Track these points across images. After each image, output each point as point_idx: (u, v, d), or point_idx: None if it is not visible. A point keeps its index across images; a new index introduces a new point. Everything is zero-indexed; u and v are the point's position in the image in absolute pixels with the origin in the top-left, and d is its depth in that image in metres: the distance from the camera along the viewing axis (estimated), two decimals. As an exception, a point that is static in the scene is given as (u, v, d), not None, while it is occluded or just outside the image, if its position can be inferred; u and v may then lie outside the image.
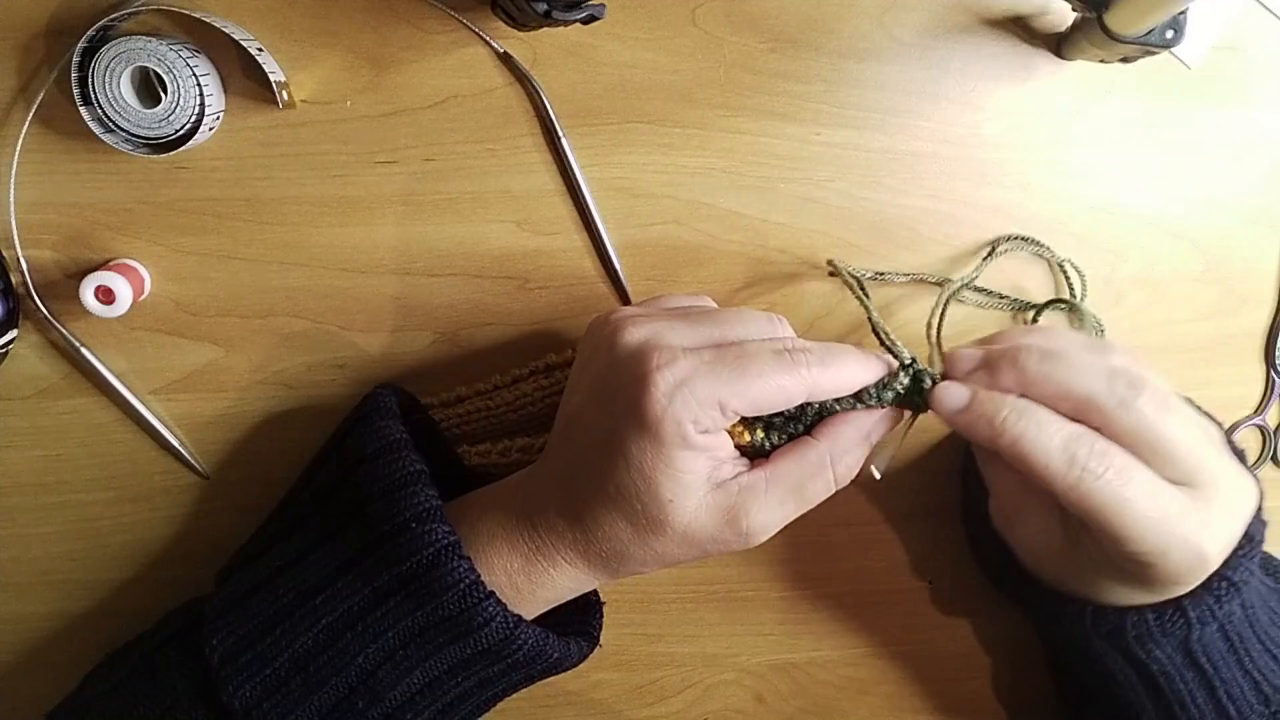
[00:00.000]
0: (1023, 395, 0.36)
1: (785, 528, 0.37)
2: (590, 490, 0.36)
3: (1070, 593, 0.40)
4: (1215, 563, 0.35)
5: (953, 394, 0.37)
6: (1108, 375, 0.35)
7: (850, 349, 0.37)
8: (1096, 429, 0.35)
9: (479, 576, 0.36)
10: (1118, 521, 0.34)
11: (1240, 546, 0.37)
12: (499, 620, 0.36)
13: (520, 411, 0.44)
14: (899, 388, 0.37)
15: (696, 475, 0.35)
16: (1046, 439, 0.35)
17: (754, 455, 0.37)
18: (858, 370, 0.36)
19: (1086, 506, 0.34)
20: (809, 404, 0.37)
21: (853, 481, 0.38)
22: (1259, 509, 0.38)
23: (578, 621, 0.43)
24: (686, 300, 0.40)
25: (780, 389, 0.34)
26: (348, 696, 0.37)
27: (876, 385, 0.37)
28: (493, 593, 0.36)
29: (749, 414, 0.35)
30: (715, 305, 0.41)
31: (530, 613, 0.38)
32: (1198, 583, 0.36)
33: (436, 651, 0.37)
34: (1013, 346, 0.37)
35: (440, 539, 0.36)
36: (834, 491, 0.37)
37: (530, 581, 0.38)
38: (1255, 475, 0.39)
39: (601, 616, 0.45)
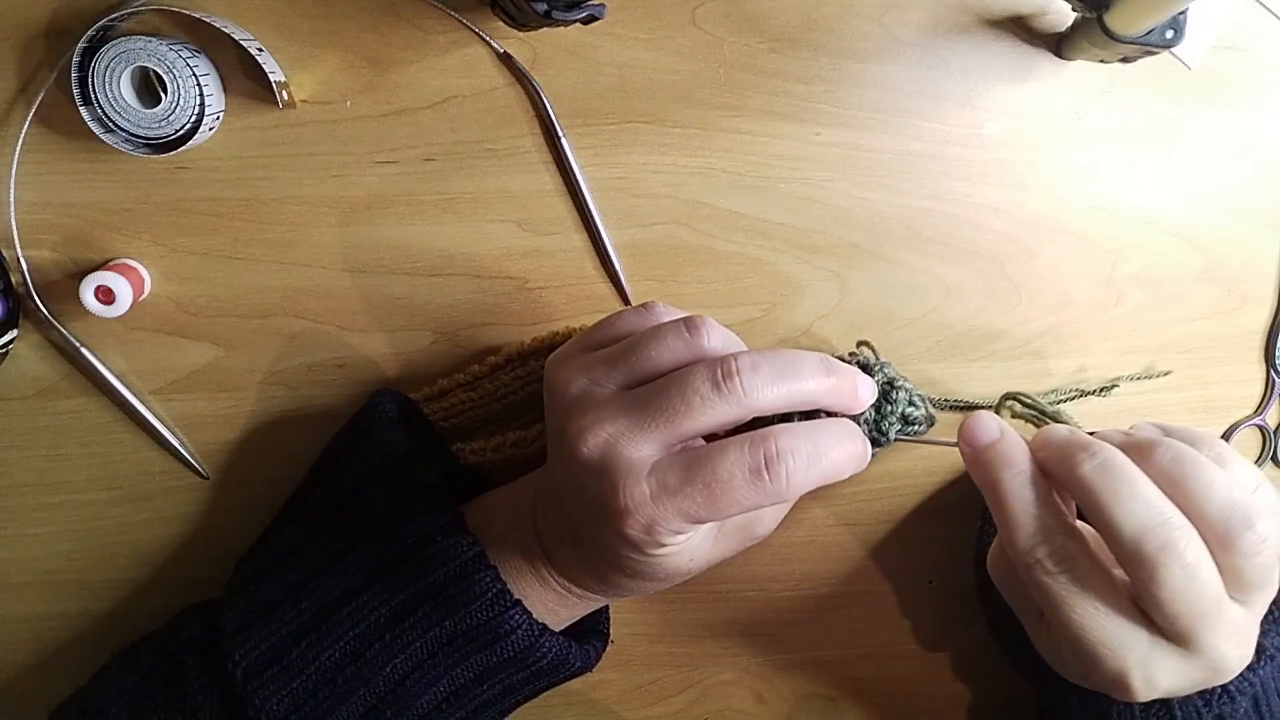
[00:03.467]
0: (1065, 490, 0.35)
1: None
2: (607, 566, 0.36)
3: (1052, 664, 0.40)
4: (1137, 699, 0.34)
5: (981, 427, 0.36)
6: (1145, 525, 0.32)
7: (841, 431, 0.33)
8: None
9: (505, 586, 0.37)
10: (1057, 617, 0.34)
11: None
12: (524, 629, 0.37)
13: (503, 401, 0.44)
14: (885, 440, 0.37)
15: (699, 539, 0.34)
16: (1023, 518, 0.34)
17: None
18: (845, 458, 0.33)
19: (1035, 592, 0.34)
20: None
21: None
22: (1277, 632, 0.37)
23: (586, 619, 0.43)
24: (634, 320, 0.36)
25: (754, 507, 0.32)
26: (375, 707, 0.37)
27: (875, 425, 0.37)
28: (519, 601, 0.37)
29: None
30: (666, 314, 0.36)
31: (555, 626, 0.39)
32: (1124, 702, 0.36)
33: (463, 660, 0.37)
34: (1087, 447, 0.34)
35: (465, 550, 0.37)
36: None
37: (568, 609, 0.39)
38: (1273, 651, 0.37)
39: (608, 610, 0.45)
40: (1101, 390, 0.46)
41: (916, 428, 0.39)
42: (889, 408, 0.38)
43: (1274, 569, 0.34)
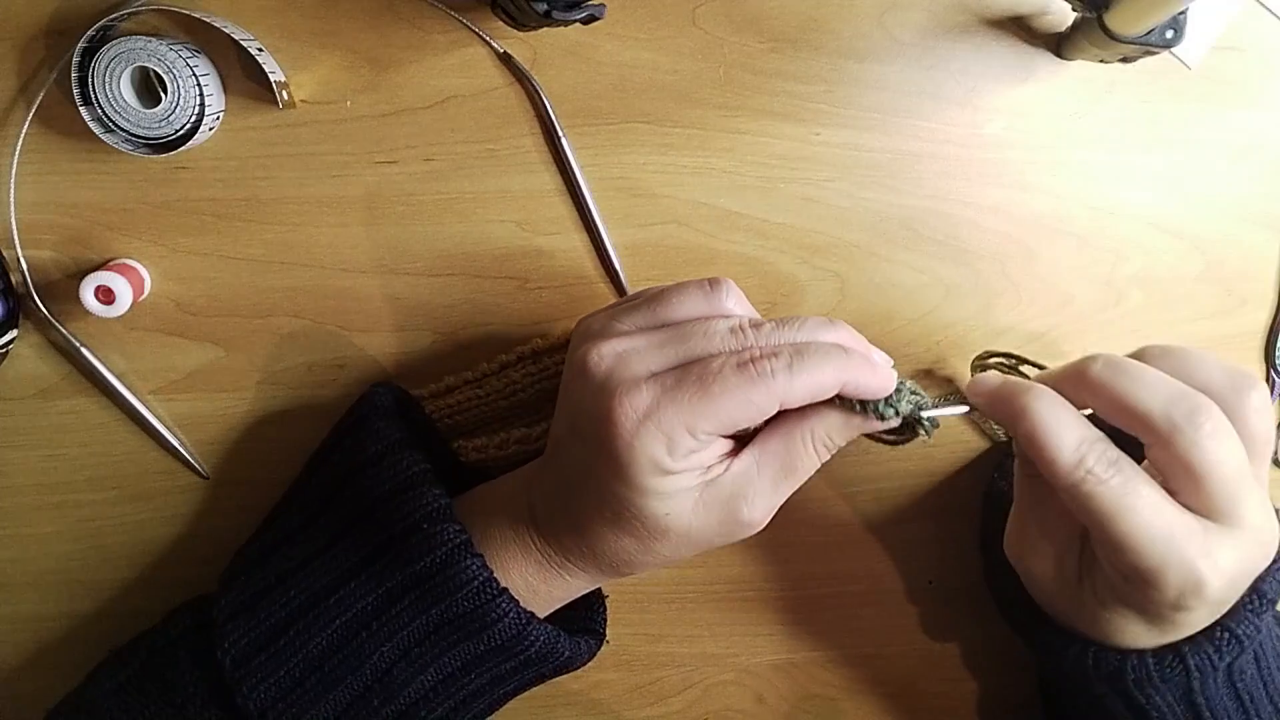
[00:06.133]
0: (1085, 406, 0.36)
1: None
2: (588, 513, 0.36)
3: (1074, 630, 0.40)
4: (1213, 595, 0.34)
5: (985, 378, 0.38)
6: (1170, 398, 0.34)
7: (827, 351, 0.34)
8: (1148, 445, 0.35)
9: (491, 574, 0.37)
10: (1118, 528, 0.34)
11: (1249, 600, 0.36)
12: (511, 616, 0.37)
13: (511, 399, 0.44)
14: (891, 412, 0.37)
15: (684, 488, 0.35)
16: (1061, 432, 0.35)
17: None
18: (832, 373, 0.34)
19: (1088, 509, 0.34)
20: None
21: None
22: (1274, 578, 0.37)
23: (583, 618, 0.44)
24: (659, 288, 0.38)
25: (748, 403, 0.33)
26: (363, 695, 0.37)
27: (868, 404, 0.37)
28: (505, 589, 0.37)
29: (723, 433, 0.34)
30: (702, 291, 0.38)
31: (542, 611, 0.39)
32: (1196, 617, 0.36)
33: (450, 649, 0.37)
34: (1086, 357, 0.36)
35: (451, 538, 0.37)
36: (823, 462, 0.37)
37: (546, 585, 0.39)
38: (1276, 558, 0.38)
39: (605, 611, 0.45)
40: None
41: (921, 398, 0.38)
42: (901, 392, 0.38)
43: (1274, 436, 0.36)
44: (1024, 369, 0.44)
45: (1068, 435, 0.35)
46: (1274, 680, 0.38)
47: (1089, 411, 0.37)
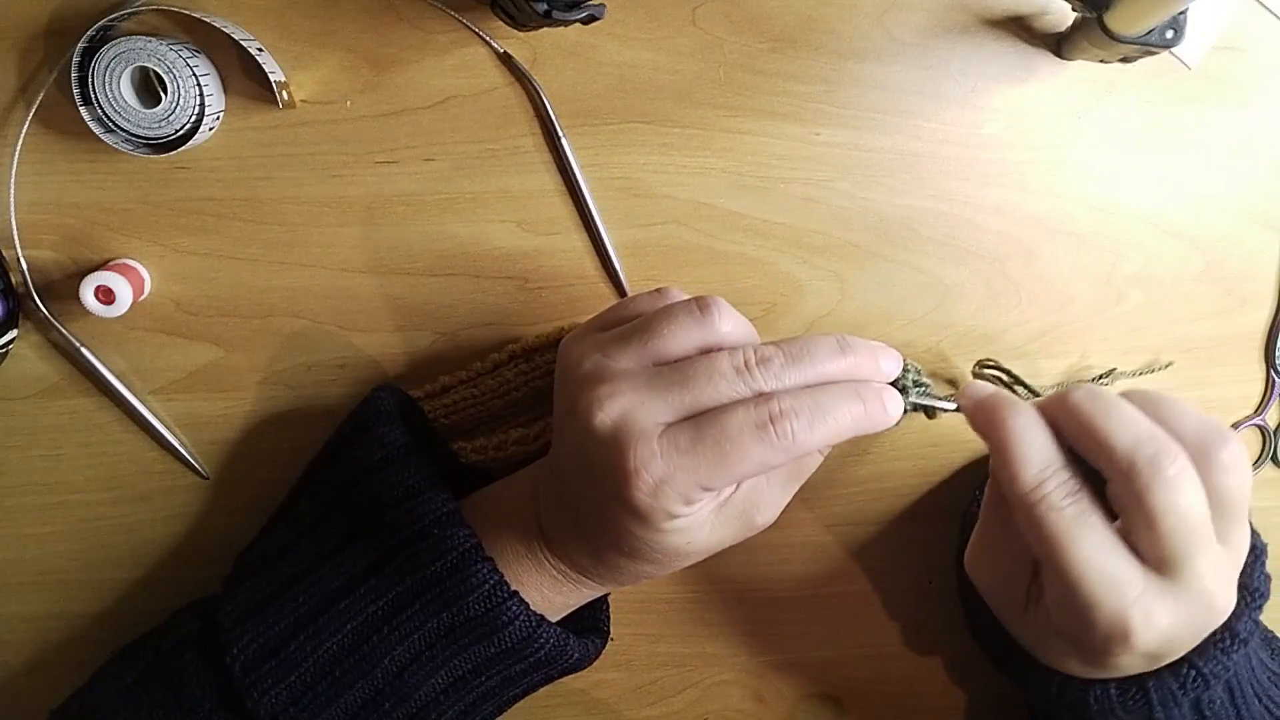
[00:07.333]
0: (1060, 428, 0.36)
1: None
2: (605, 545, 0.36)
3: (1030, 653, 0.40)
4: (1142, 648, 0.34)
5: (979, 386, 0.38)
6: (1138, 438, 0.33)
7: (844, 400, 0.34)
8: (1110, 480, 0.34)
9: (502, 577, 0.37)
10: (1060, 556, 0.33)
11: (1220, 639, 0.36)
12: (522, 619, 0.37)
13: (505, 397, 0.44)
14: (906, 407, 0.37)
15: (700, 517, 0.35)
16: (1029, 450, 0.35)
17: None
18: (849, 425, 0.34)
19: (1037, 532, 0.34)
20: None
21: None
22: (1250, 617, 0.37)
23: (586, 616, 0.44)
24: (648, 303, 0.37)
25: (764, 464, 0.33)
26: (374, 698, 0.37)
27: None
28: (516, 592, 0.37)
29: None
30: (679, 298, 0.37)
31: (553, 617, 0.39)
32: (1129, 663, 0.35)
33: (461, 652, 0.37)
34: (1074, 384, 0.36)
35: (462, 542, 0.37)
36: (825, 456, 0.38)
37: (561, 596, 0.39)
38: (1256, 598, 0.38)
39: (608, 608, 0.45)
40: (1100, 378, 0.47)
41: (926, 388, 0.39)
42: (908, 392, 0.38)
43: (1247, 497, 0.35)
44: (1017, 389, 0.44)
45: (1034, 455, 0.34)
46: (1249, 708, 0.38)
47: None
